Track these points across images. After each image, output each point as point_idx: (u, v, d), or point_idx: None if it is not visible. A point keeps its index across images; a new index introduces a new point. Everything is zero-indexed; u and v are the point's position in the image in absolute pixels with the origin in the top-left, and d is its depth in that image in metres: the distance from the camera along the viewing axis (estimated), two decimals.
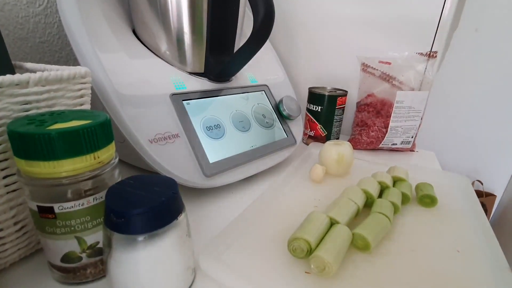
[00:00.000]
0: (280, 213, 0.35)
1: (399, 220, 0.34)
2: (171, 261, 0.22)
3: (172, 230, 0.21)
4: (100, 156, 0.22)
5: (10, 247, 0.25)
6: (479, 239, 0.31)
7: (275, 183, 0.40)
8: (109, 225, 0.20)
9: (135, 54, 0.38)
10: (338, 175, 0.45)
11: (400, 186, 0.38)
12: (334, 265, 0.24)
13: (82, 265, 0.24)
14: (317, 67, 0.66)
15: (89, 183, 0.22)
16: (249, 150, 0.42)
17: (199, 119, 0.38)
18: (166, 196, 0.21)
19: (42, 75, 0.23)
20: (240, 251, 0.28)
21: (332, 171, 0.44)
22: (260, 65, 0.53)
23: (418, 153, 0.59)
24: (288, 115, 0.49)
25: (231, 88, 0.45)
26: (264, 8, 0.34)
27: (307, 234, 0.27)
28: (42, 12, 0.47)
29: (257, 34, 0.36)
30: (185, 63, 0.41)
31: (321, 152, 0.46)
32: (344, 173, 0.45)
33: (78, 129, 0.20)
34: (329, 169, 0.44)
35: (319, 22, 0.62)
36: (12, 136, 0.20)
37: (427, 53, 0.52)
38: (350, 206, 0.32)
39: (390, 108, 0.53)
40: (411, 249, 0.29)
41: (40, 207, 0.22)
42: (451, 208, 0.37)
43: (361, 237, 0.28)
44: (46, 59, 0.49)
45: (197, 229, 0.33)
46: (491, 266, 0.27)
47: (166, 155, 0.34)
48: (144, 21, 0.39)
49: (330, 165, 0.44)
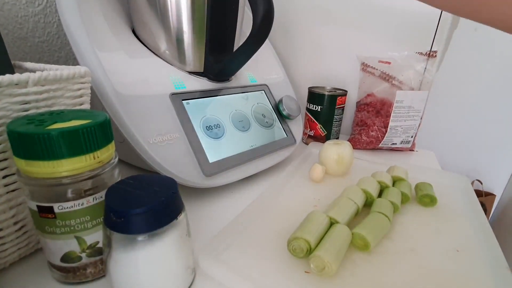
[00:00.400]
0: (280, 213, 0.35)
1: (398, 220, 0.34)
2: (171, 261, 0.22)
3: (171, 230, 0.21)
4: (99, 155, 0.22)
5: (10, 246, 0.25)
6: (479, 239, 0.31)
7: (275, 182, 0.40)
8: (109, 225, 0.20)
9: (135, 53, 0.38)
10: (338, 175, 0.45)
11: (400, 186, 0.38)
12: (333, 265, 0.24)
13: (82, 264, 0.24)
14: (317, 66, 0.66)
15: (88, 183, 0.22)
16: (248, 149, 0.42)
17: (199, 118, 0.38)
18: (166, 196, 0.21)
19: (42, 75, 0.23)
20: (240, 251, 0.28)
21: (332, 171, 0.44)
22: (260, 65, 0.53)
23: (417, 152, 0.59)
24: (288, 115, 0.49)
25: (231, 88, 0.45)
26: (264, 7, 0.34)
27: (307, 234, 0.27)
28: (42, 11, 0.47)
29: (257, 33, 0.36)
30: (185, 63, 0.41)
31: (321, 153, 0.46)
32: (344, 173, 0.45)
33: (77, 129, 0.20)
34: (328, 169, 0.44)
35: (319, 21, 0.62)
36: (12, 135, 0.20)
37: (427, 52, 0.52)
38: (350, 206, 0.32)
39: (390, 107, 0.53)
40: (410, 249, 0.29)
41: (39, 207, 0.22)
42: (450, 208, 0.37)
43: (360, 237, 0.28)
44: (46, 59, 0.49)
45: (197, 229, 0.33)
46: (491, 265, 0.28)
47: (165, 154, 0.34)
48: (143, 21, 0.39)
49: (330, 165, 0.44)
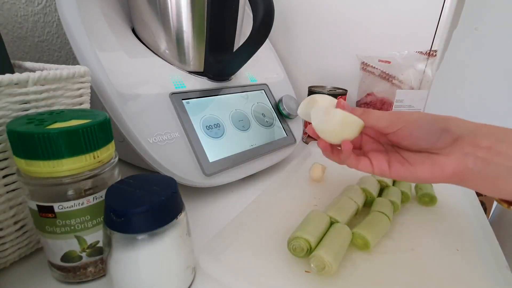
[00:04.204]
0: (280, 212, 0.35)
1: (398, 219, 0.34)
2: (171, 260, 0.22)
3: (172, 229, 0.21)
4: (99, 155, 0.22)
5: (10, 246, 0.25)
6: (478, 238, 0.31)
7: (274, 182, 0.40)
8: (109, 224, 0.20)
9: (135, 53, 0.38)
10: (350, 139, 0.28)
11: (400, 185, 0.38)
12: (334, 264, 0.24)
13: (82, 264, 0.24)
14: (317, 66, 0.66)
15: (88, 183, 0.22)
16: (248, 149, 0.42)
17: (199, 118, 0.38)
18: (166, 195, 0.21)
19: (41, 75, 0.23)
20: (240, 250, 0.28)
21: (336, 139, 0.29)
22: (260, 64, 0.52)
23: None
24: (288, 114, 0.49)
25: (231, 87, 0.45)
26: (264, 7, 0.34)
27: (307, 233, 0.27)
28: (41, 11, 0.46)
29: (257, 33, 0.36)
30: (185, 62, 0.41)
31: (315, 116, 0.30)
32: (354, 136, 0.29)
33: (77, 129, 0.20)
34: (332, 138, 0.29)
35: (319, 20, 0.62)
36: (12, 135, 0.20)
37: (427, 52, 0.52)
38: (350, 205, 0.32)
39: (390, 107, 0.53)
40: (410, 248, 0.29)
41: (40, 206, 0.22)
42: (450, 207, 0.37)
43: (360, 236, 0.28)
44: (45, 58, 0.49)
45: (197, 228, 0.33)
46: (490, 264, 0.28)
47: (165, 154, 0.34)
48: (143, 20, 0.39)
49: (332, 132, 0.28)
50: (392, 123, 0.27)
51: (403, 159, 0.27)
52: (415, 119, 0.26)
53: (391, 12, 0.55)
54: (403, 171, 0.26)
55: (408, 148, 0.27)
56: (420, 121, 0.26)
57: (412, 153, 0.27)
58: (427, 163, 0.25)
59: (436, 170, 0.25)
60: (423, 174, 0.25)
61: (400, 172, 0.26)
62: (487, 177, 0.23)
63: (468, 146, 0.24)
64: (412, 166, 0.26)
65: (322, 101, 0.32)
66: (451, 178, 0.24)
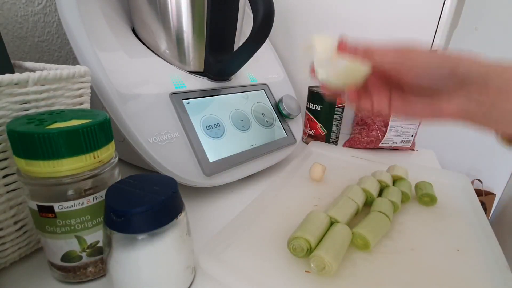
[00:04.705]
0: (280, 212, 0.35)
1: (398, 219, 0.34)
2: (171, 260, 0.22)
3: (172, 229, 0.21)
4: (99, 155, 0.22)
5: (10, 246, 0.25)
6: (479, 238, 0.31)
7: (275, 182, 0.40)
8: (109, 224, 0.20)
9: (135, 53, 0.38)
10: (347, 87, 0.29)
11: (400, 185, 0.38)
12: (334, 264, 0.24)
13: (82, 264, 0.24)
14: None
15: (89, 182, 0.22)
16: (248, 149, 0.42)
17: (199, 118, 0.38)
18: (166, 195, 0.21)
19: (42, 74, 0.23)
20: (240, 250, 0.28)
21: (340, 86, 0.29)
22: (260, 64, 0.52)
23: (417, 152, 0.59)
24: (288, 114, 0.49)
25: (231, 87, 0.45)
26: (264, 7, 0.34)
27: (307, 233, 0.27)
28: (41, 11, 0.46)
29: (257, 33, 0.36)
30: (185, 62, 0.41)
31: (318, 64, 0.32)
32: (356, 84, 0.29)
33: (77, 129, 0.20)
34: (335, 86, 0.29)
35: (319, 20, 0.62)
36: (12, 135, 0.20)
37: None
38: (350, 205, 0.32)
39: None
40: (410, 248, 0.29)
41: (40, 206, 0.22)
42: (450, 207, 0.37)
43: (360, 236, 0.28)
44: (45, 58, 0.49)
45: (197, 228, 0.33)
46: (490, 264, 0.28)
47: (165, 154, 0.34)
48: (143, 20, 0.39)
49: (336, 82, 0.29)
50: (395, 65, 0.26)
51: (405, 101, 0.27)
52: (421, 63, 0.25)
53: (391, 12, 0.55)
54: (402, 108, 0.27)
55: (412, 91, 0.27)
56: (427, 67, 0.24)
57: (415, 97, 0.27)
58: (427, 104, 0.25)
59: (437, 111, 0.25)
60: (423, 111, 0.25)
61: (399, 109, 0.27)
62: (489, 121, 0.23)
63: (475, 92, 0.23)
64: (413, 105, 0.26)
65: (320, 45, 0.33)
66: (450, 119, 0.25)
